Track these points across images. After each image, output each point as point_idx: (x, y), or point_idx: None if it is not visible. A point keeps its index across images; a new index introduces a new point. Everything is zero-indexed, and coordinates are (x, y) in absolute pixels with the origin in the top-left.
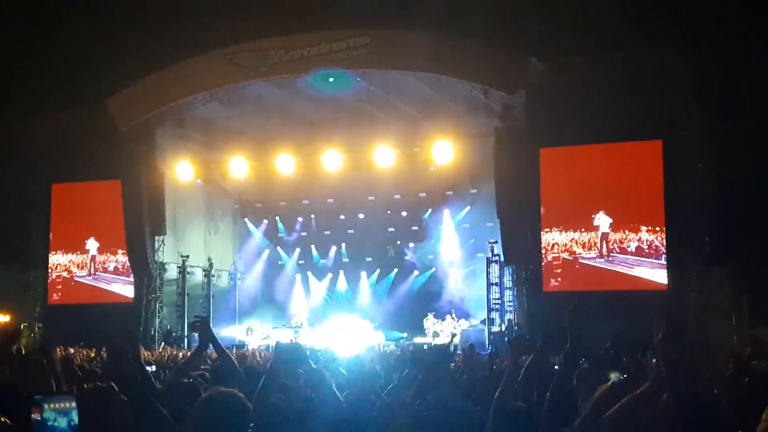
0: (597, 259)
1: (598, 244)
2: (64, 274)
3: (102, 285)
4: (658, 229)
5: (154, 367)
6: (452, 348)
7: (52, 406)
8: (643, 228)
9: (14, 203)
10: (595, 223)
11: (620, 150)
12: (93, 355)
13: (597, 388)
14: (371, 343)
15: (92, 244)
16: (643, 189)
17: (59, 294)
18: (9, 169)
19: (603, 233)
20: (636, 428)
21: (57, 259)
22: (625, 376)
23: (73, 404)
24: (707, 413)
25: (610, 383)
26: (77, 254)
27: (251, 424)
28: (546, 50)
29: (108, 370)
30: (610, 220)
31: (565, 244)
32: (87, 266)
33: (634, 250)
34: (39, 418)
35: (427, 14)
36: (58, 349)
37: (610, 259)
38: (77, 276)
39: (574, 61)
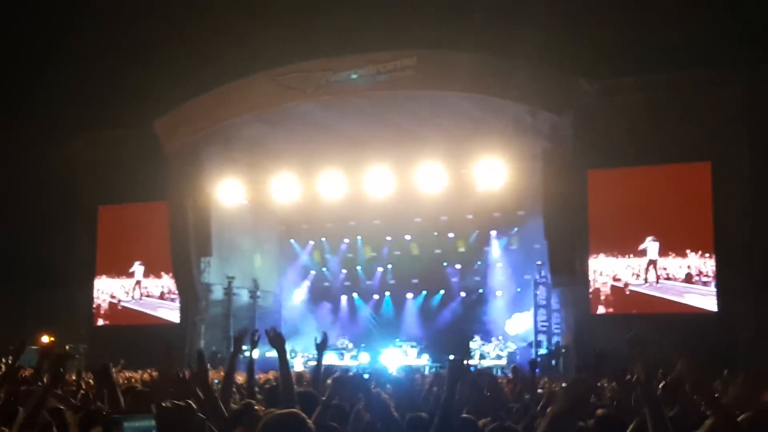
0: (644, 286)
1: (646, 271)
2: (110, 299)
3: (147, 310)
4: (707, 254)
5: None
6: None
7: (132, 425)
8: (692, 253)
9: (61, 225)
10: (643, 247)
11: (669, 172)
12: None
13: None
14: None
15: (138, 269)
16: (692, 212)
17: (105, 319)
18: (56, 190)
19: (651, 259)
20: None
21: (102, 284)
22: None
23: (153, 423)
24: None
25: None
26: (123, 278)
27: None
28: (594, 71)
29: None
30: (659, 246)
31: (613, 271)
32: (132, 291)
33: (683, 277)
34: None
35: (475, 35)
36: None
37: (658, 285)
38: (122, 302)
39: (622, 82)
